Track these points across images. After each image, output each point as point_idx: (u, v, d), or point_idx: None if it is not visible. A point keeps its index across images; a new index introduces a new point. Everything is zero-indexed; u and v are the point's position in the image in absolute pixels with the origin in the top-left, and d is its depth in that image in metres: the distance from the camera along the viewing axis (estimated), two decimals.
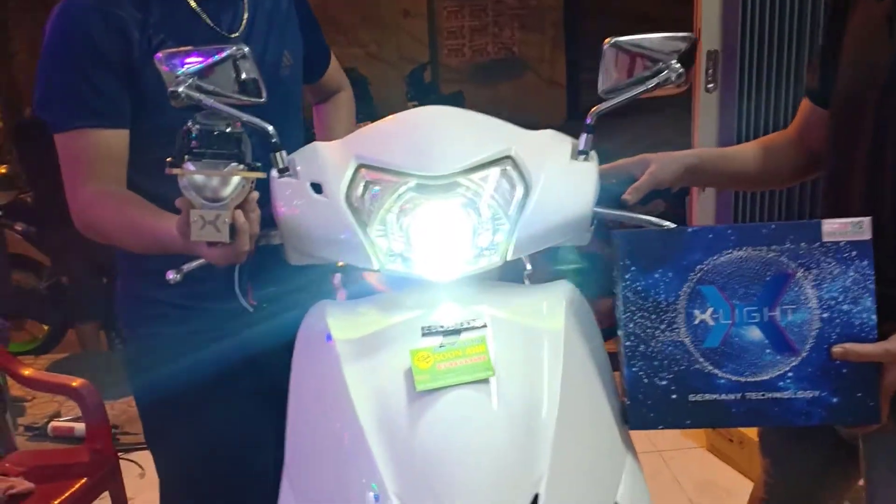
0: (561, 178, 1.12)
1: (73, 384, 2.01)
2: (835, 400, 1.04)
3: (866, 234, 1.03)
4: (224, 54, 1.13)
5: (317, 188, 1.12)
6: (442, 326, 1.04)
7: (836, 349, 1.03)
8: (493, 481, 0.94)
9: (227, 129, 1.03)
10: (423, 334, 1.04)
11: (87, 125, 1.27)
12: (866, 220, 1.03)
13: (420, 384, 0.99)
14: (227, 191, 1.01)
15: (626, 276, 1.06)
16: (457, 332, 1.04)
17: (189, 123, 1.02)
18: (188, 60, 1.12)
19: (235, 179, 1.01)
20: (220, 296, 1.36)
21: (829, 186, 1.26)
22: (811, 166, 1.39)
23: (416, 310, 1.08)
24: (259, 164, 1.06)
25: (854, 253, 1.03)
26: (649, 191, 1.22)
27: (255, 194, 1.05)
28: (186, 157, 1.00)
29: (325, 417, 1.06)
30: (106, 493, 2.07)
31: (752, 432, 2.34)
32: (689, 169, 1.28)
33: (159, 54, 1.12)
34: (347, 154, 1.13)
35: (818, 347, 1.04)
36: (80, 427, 2.92)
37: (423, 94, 6.39)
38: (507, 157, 1.10)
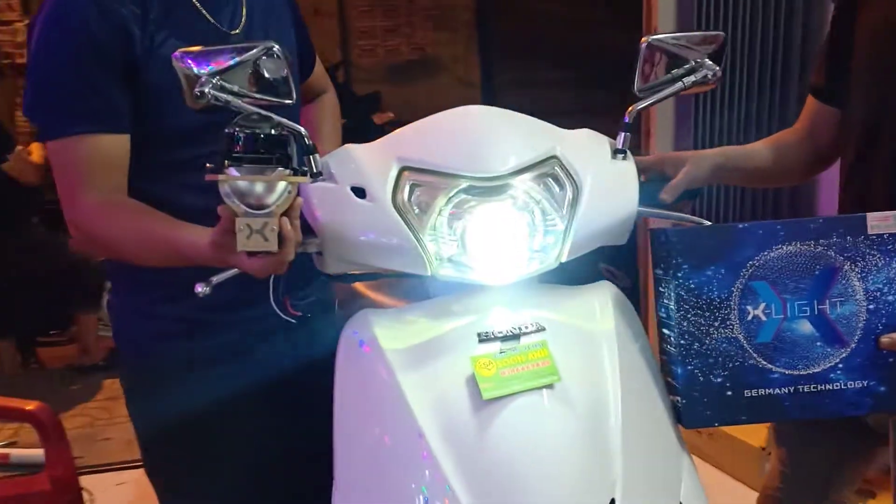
0: (606, 177, 1.11)
1: (29, 408, 1.85)
2: (882, 389, 1.07)
3: None
4: (252, 52, 1.07)
5: (358, 192, 1.07)
6: (500, 332, 1.01)
7: (885, 339, 1.05)
8: (570, 489, 0.93)
9: (273, 132, 0.96)
10: (480, 340, 1.01)
11: (87, 130, 1.17)
12: None
13: (486, 392, 0.96)
14: (273, 197, 0.94)
15: (679, 275, 1.05)
16: (515, 337, 1.01)
17: (231, 127, 0.95)
18: (212, 59, 1.05)
19: (281, 185, 0.94)
20: (232, 306, 1.28)
21: (848, 183, 1.29)
22: (821, 163, 1.42)
23: (467, 316, 1.05)
24: (305, 169, 1.00)
25: None
26: (684, 190, 1.22)
27: (300, 201, 0.99)
28: (227, 162, 0.93)
29: (382, 430, 1.02)
30: None
31: None
32: (717, 167, 1.29)
33: (177, 53, 1.05)
34: (388, 156, 1.08)
35: (866, 338, 1.06)
36: (17, 453, 2.70)
37: (338, 94, 6.29)
38: (554, 156, 1.08)
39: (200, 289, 1.03)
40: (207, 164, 0.94)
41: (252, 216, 0.93)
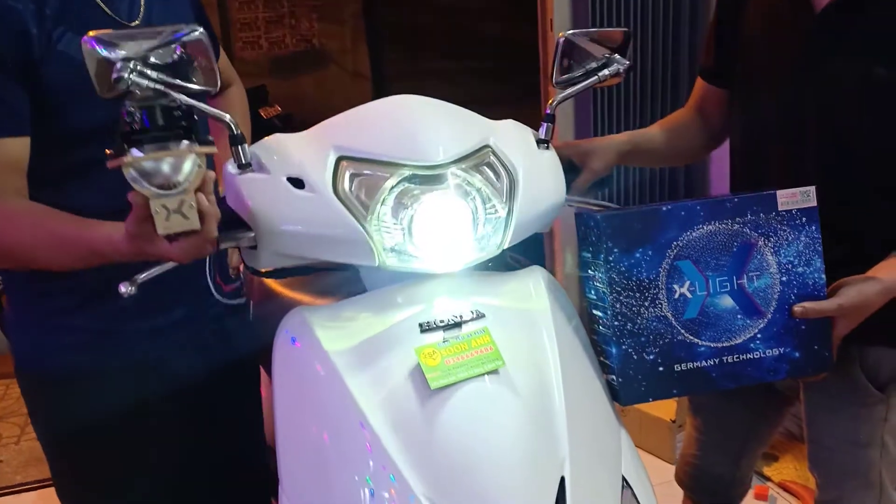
0: (536, 166, 1.13)
1: None
2: (797, 354, 1.14)
3: (813, 202, 1.13)
4: (175, 36, 1.01)
5: (296, 183, 1.04)
6: (441, 321, 1.02)
7: (797, 308, 1.13)
8: (522, 471, 0.94)
9: (171, 104, 0.91)
10: (423, 331, 1.01)
11: None
12: (812, 189, 1.13)
13: (433, 381, 0.97)
14: (182, 174, 0.89)
15: (610, 258, 1.09)
16: (457, 325, 1.02)
17: (126, 106, 0.90)
18: (127, 43, 0.98)
19: (189, 160, 0.89)
20: (141, 314, 1.24)
21: (742, 162, 1.37)
22: (713, 141, 1.51)
23: (406, 307, 1.05)
24: (212, 139, 0.95)
25: (804, 219, 1.13)
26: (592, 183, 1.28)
27: (211, 174, 0.94)
28: (128, 145, 0.87)
29: (325, 427, 1.01)
30: None
31: None
32: (621, 154, 1.34)
33: (87, 37, 0.95)
34: (323, 145, 1.06)
35: (780, 308, 1.13)
36: None
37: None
38: (487, 146, 1.10)
39: (125, 289, 0.98)
40: (108, 151, 0.89)
41: (166, 196, 0.88)
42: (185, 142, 0.89)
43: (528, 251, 1.23)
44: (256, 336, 1.37)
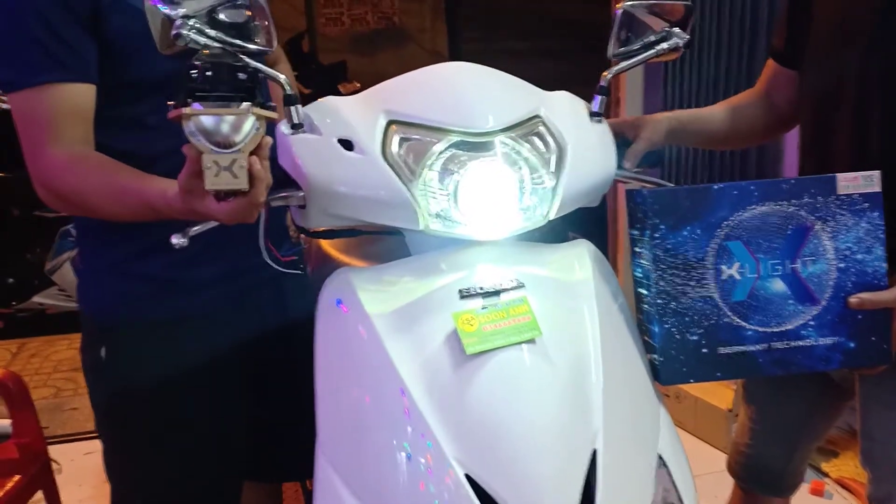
0: (587, 139, 1.12)
1: None
2: (852, 345, 1.10)
3: (877, 187, 1.09)
4: None
5: (345, 145, 1.05)
6: (481, 288, 1.02)
7: (853, 300, 1.08)
8: (554, 441, 0.94)
9: (238, 64, 0.93)
10: (462, 297, 1.01)
11: (52, 79, 1.14)
12: (876, 173, 1.09)
13: (469, 347, 0.97)
14: (241, 135, 0.90)
15: (656, 235, 1.07)
16: (496, 293, 1.02)
17: (193, 61, 0.92)
18: (190, 1, 0.98)
19: (249, 122, 0.91)
20: (203, 264, 1.28)
21: (809, 146, 1.32)
22: (779, 125, 1.46)
23: (448, 273, 1.05)
24: (273, 105, 0.97)
25: (866, 205, 1.09)
26: (645, 154, 1.26)
27: (269, 140, 0.96)
28: (190, 99, 0.89)
29: (364, 389, 1.02)
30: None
31: (688, 386, 2.45)
32: (671, 130, 1.32)
33: None
34: (374, 109, 1.07)
35: (836, 296, 1.09)
36: None
37: (303, 64, 6.20)
38: (537, 116, 1.09)
39: (176, 240, 1.01)
40: (169, 102, 0.91)
41: (219, 152, 0.90)
42: (247, 103, 0.90)
43: (589, 229, 1.23)
44: (313, 300, 1.41)
